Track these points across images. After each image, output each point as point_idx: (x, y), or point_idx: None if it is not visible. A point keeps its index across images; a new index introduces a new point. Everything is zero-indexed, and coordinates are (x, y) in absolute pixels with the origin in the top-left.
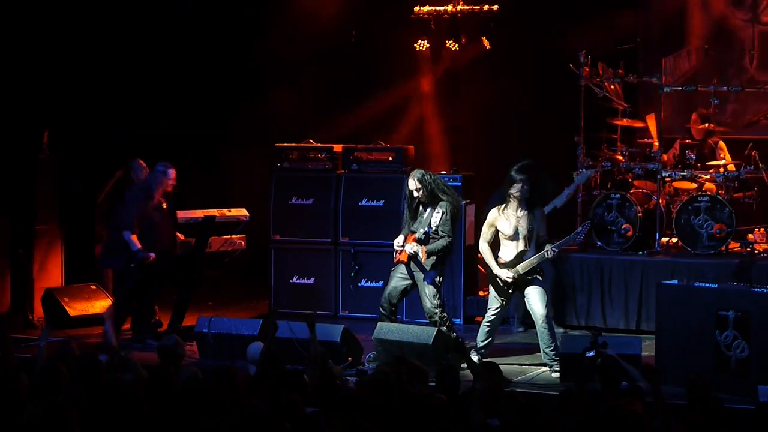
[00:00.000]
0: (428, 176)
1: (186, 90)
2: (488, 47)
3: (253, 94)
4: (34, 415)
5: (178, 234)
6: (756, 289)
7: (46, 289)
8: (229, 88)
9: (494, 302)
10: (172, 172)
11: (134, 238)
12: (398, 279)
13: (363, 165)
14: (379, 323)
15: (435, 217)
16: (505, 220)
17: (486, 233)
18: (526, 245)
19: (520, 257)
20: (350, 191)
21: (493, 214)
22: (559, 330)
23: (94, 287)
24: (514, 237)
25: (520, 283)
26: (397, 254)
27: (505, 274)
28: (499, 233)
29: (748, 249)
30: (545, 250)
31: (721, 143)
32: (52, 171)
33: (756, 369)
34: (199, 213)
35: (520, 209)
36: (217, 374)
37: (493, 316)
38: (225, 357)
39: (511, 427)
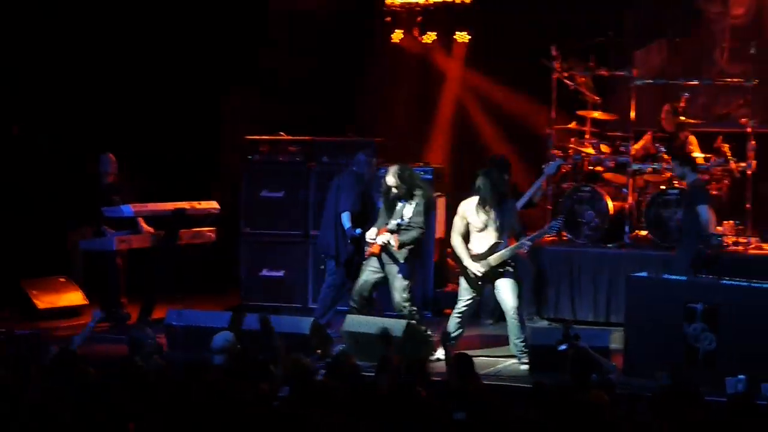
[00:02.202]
0: (407, 171)
1: (159, 82)
2: (460, 40)
3: (227, 88)
4: None
5: (147, 227)
6: (724, 282)
7: (15, 280)
8: (200, 81)
9: (465, 294)
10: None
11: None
12: (370, 272)
13: (331, 157)
14: (348, 316)
15: (408, 209)
16: (476, 212)
17: (457, 226)
18: (498, 237)
19: (492, 249)
20: (321, 184)
21: (464, 207)
22: (543, 322)
23: (63, 280)
24: (485, 229)
25: (492, 275)
26: (369, 247)
27: (476, 267)
28: (470, 225)
29: (717, 241)
30: (519, 243)
31: (692, 137)
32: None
33: (723, 361)
34: (170, 206)
35: (490, 202)
36: (188, 367)
37: (464, 308)
38: (194, 349)
39: (478, 420)
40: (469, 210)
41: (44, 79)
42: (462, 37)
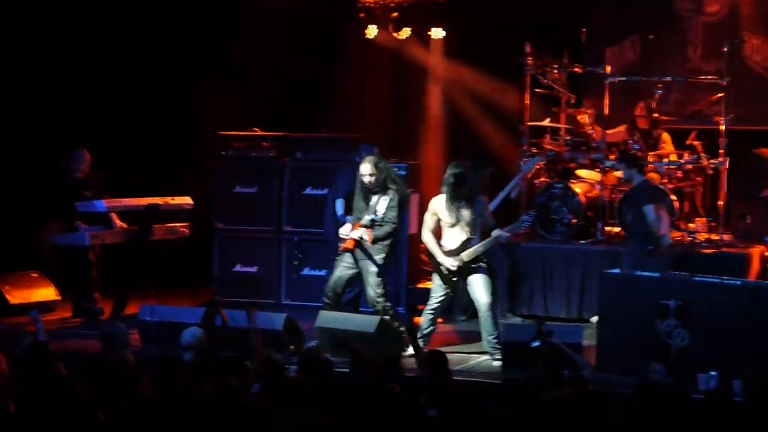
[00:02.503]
0: (381, 163)
1: (130, 76)
2: (435, 36)
3: (198, 82)
4: None
5: (121, 222)
6: (697, 279)
7: None
8: (173, 75)
9: (438, 290)
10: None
11: None
12: (343, 268)
13: (305, 153)
14: (321, 312)
15: (381, 204)
16: (446, 208)
17: (428, 222)
18: (470, 233)
19: (464, 245)
20: (294, 179)
21: (435, 203)
22: (516, 319)
23: (36, 275)
24: (456, 225)
25: (465, 271)
26: (343, 243)
27: (450, 262)
28: (441, 221)
29: (690, 238)
30: (491, 237)
31: (665, 135)
32: None
33: (696, 357)
34: (143, 201)
35: (461, 198)
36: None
37: (437, 304)
38: (168, 345)
39: (451, 417)
40: (440, 206)
41: (14, 73)
42: (437, 33)
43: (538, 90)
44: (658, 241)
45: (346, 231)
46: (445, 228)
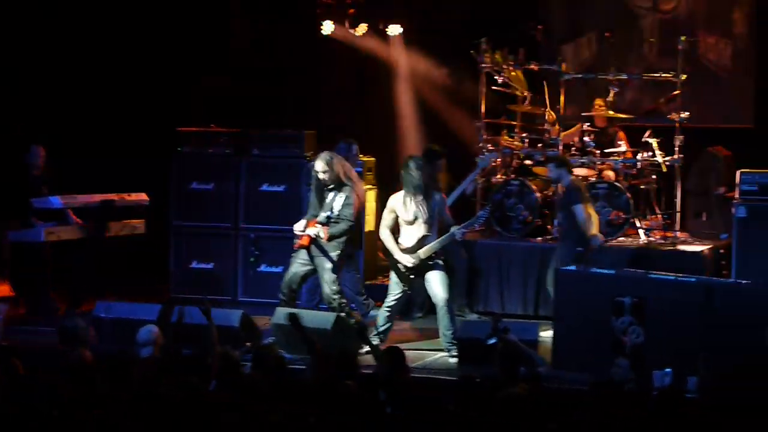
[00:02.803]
0: (335, 160)
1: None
2: (392, 32)
3: (154, 78)
4: None
5: (77, 218)
6: (652, 276)
7: None
8: (130, 72)
9: (395, 288)
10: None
11: None
12: (299, 265)
13: (261, 149)
14: (277, 308)
15: (338, 201)
16: (405, 205)
17: (387, 219)
18: (427, 230)
19: (421, 242)
20: (251, 176)
21: (393, 200)
22: (473, 315)
23: None
24: (414, 222)
25: (422, 268)
26: (298, 239)
27: (406, 260)
28: (399, 219)
29: (645, 235)
30: (447, 234)
31: (621, 132)
32: None
33: (651, 354)
34: (99, 197)
35: (419, 195)
36: (114, 359)
37: (394, 302)
38: (124, 342)
39: (408, 413)
40: (398, 203)
41: None
42: (394, 29)
43: (494, 87)
44: (588, 242)
45: (300, 227)
46: (403, 225)
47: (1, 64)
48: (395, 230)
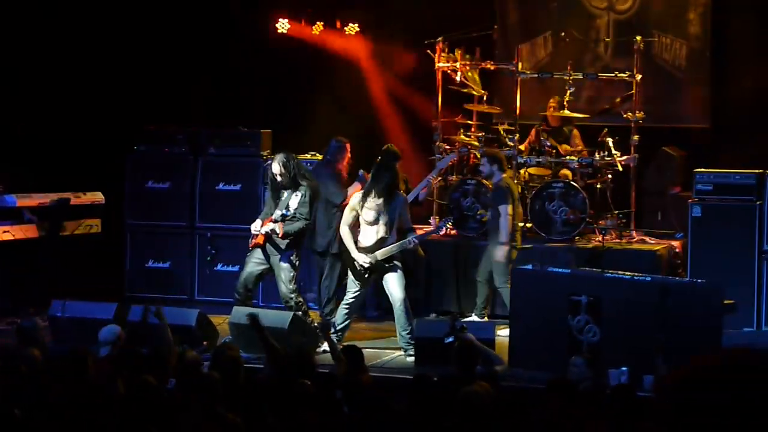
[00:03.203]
0: (291, 160)
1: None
2: (349, 31)
3: (109, 77)
4: None
5: (32, 217)
6: (608, 275)
7: None
8: (86, 71)
9: (353, 286)
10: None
11: None
12: (254, 264)
13: (218, 148)
14: (234, 307)
15: (293, 199)
16: (367, 205)
17: (347, 217)
18: (386, 232)
19: (380, 243)
20: (207, 175)
21: (356, 199)
22: (430, 315)
23: None
24: (375, 223)
25: (379, 268)
26: (254, 238)
27: (363, 259)
28: (360, 218)
29: (601, 235)
30: (406, 239)
31: (576, 131)
32: None
33: (607, 353)
34: (53, 196)
35: (381, 196)
36: (69, 357)
37: (352, 300)
38: (79, 341)
39: (365, 413)
40: (360, 202)
41: None
42: (351, 28)
43: (451, 86)
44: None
45: (256, 226)
46: (363, 225)
47: None
48: (355, 229)
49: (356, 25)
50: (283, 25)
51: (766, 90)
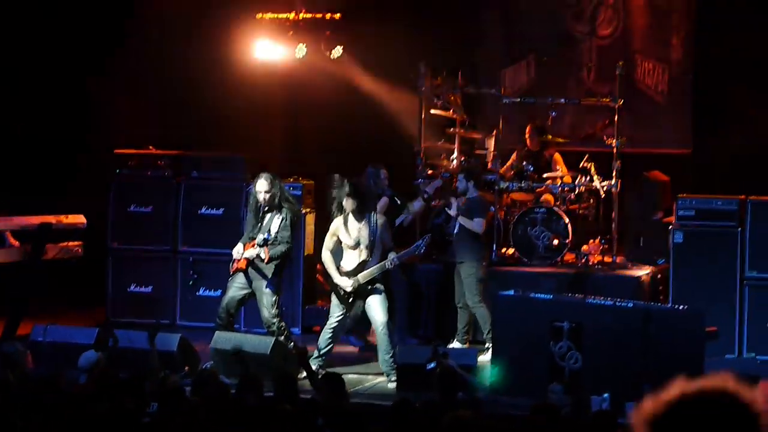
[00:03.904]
0: (277, 180)
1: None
2: (332, 54)
3: (92, 99)
4: None
5: (14, 241)
6: (590, 301)
7: None
8: (65, 91)
9: (336, 310)
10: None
11: None
12: (236, 288)
13: (201, 172)
14: (216, 332)
15: (275, 223)
16: (347, 229)
17: (328, 242)
18: (368, 255)
19: (361, 266)
20: (190, 199)
21: (336, 224)
22: (412, 340)
23: None
24: (356, 246)
25: (361, 292)
26: (235, 263)
27: (345, 283)
28: (342, 243)
29: (583, 260)
30: (387, 260)
31: (557, 155)
32: None
33: (589, 379)
34: (36, 219)
35: (361, 219)
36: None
37: (335, 324)
38: (61, 366)
39: None
40: (340, 227)
41: None
42: (335, 51)
43: (433, 111)
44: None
45: (238, 250)
46: (345, 249)
47: None
48: (337, 254)
49: (340, 48)
50: (266, 49)
51: (748, 115)
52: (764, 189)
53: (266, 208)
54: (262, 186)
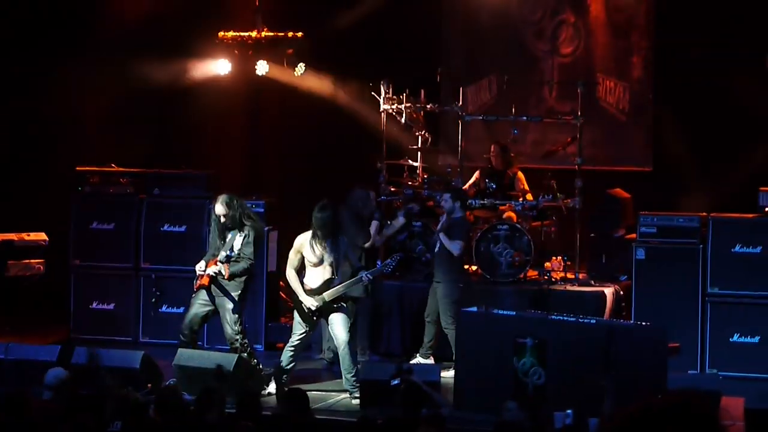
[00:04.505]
0: (235, 201)
1: None
2: (293, 71)
3: (53, 116)
4: None
5: None
6: (552, 317)
7: None
8: (26, 109)
9: (299, 328)
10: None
11: None
12: (199, 305)
13: (163, 189)
14: (179, 349)
15: (237, 240)
16: (311, 247)
17: (293, 259)
18: (332, 273)
19: (326, 285)
20: (152, 216)
21: (300, 241)
22: (375, 357)
23: None
24: (320, 264)
25: (325, 310)
26: (198, 279)
27: (310, 302)
28: (306, 260)
29: (546, 277)
30: (359, 276)
31: (520, 173)
32: None
33: (552, 395)
34: None
35: (325, 237)
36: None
37: (298, 342)
38: (23, 383)
39: None
40: (305, 244)
41: None
42: (298, 68)
43: (396, 129)
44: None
45: (201, 267)
46: (309, 267)
47: None
48: (300, 271)
49: (303, 65)
50: (228, 67)
51: (708, 132)
52: (725, 206)
53: (229, 225)
54: (219, 210)
